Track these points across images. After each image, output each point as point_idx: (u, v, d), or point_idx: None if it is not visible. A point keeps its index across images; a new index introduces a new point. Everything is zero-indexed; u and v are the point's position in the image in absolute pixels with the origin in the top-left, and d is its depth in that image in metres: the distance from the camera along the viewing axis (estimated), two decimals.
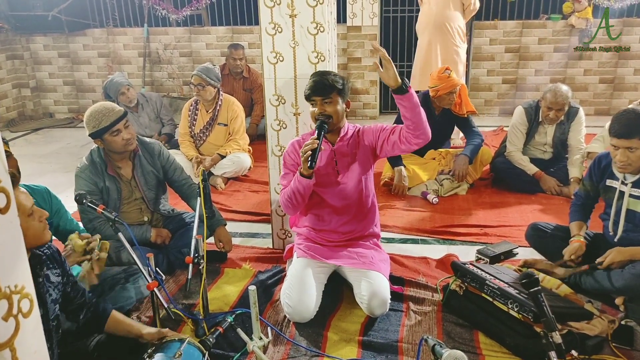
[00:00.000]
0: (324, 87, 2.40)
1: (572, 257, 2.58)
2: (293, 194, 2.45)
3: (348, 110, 2.53)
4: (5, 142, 2.17)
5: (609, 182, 2.60)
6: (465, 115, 4.08)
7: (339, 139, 2.54)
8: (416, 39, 6.64)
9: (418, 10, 6.51)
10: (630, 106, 3.99)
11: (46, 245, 1.87)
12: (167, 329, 2.13)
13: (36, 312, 0.85)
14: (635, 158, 2.38)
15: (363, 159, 2.56)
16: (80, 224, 2.77)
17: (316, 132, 2.37)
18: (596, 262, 2.46)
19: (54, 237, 2.49)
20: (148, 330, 2.03)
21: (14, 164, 2.18)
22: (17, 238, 0.80)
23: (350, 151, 2.55)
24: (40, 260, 1.82)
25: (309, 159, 2.29)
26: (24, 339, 0.81)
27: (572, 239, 2.66)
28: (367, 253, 2.57)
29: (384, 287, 2.45)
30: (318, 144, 2.29)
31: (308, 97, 2.45)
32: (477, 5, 4.90)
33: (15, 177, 1.72)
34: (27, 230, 1.68)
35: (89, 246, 2.29)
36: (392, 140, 2.45)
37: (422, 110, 2.33)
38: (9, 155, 2.18)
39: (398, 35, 6.73)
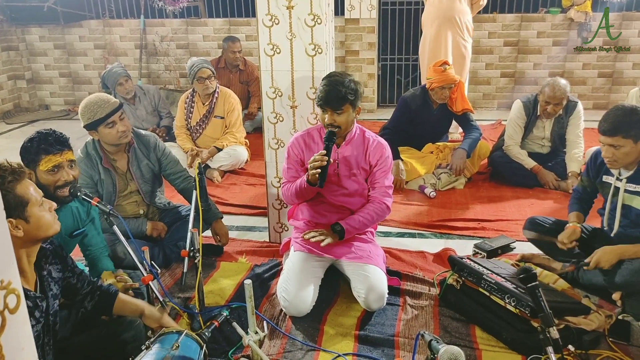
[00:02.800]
0: (336, 99, 2.37)
1: (566, 241, 2.57)
2: (297, 193, 2.48)
3: (358, 115, 2.52)
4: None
5: (604, 178, 2.60)
6: (460, 113, 4.06)
7: (344, 142, 2.54)
8: (415, 31, 6.65)
9: (417, 3, 6.52)
10: (631, 90, 3.99)
11: (49, 241, 1.87)
12: (169, 307, 2.17)
13: (23, 308, 0.83)
14: (620, 155, 2.37)
15: (364, 163, 2.58)
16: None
17: (325, 145, 2.38)
18: (584, 261, 2.45)
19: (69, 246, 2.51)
20: (150, 309, 2.07)
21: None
22: (3, 232, 0.78)
23: (353, 154, 2.54)
24: (45, 254, 1.82)
25: (318, 176, 2.32)
26: (10, 335, 0.79)
27: (567, 225, 2.66)
28: (364, 247, 2.56)
29: (382, 281, 2.44)
30: (327, 161, 2.31)
31: (320, 105, 2.44)
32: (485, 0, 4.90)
33: (23, 171, 1.73)
34: (40, 220, 1.70)
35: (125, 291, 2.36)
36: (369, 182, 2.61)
37: (369, 221, 2.54)
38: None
39: (396, 28, 6.70)
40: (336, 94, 2.36)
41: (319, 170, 2.31)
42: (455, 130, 4.89)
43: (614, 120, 2.36)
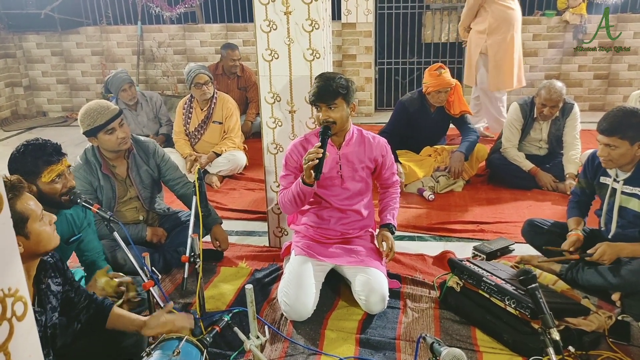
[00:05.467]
0: (328, 94, 2.38)
1: (571, 249, 2.60)
2: (293, 197, 2.46)
3: (354, 113, 2.53)
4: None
5: (602, 179, 2.61)
6: (458, 116, 4.07)
7: (344, 142, 2.54)
8: (412, 34, 6.68)
9: (413, 7, 6.54)
10: (633, 92, 4.01)
11: (49, 254, 1.85)
12: (171, 304, 2.09)
13: (30, 315, 0.83)
14: (615, 155, 2.39)
15: (367, 161, 2.59)
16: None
17: (320, 139, 2.37)
18: (587, 252, 2.47)
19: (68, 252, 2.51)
20: (149, 320, 2.00)
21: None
22: (10, 240, 0.79)
23: (354, 153, 2.55)
24: (45, 267, 1.80)
25: (314, 169, 2.29)
26: (18, 342, 0.79)
27: (569, 232, 2.67)
28: (364, 250, 2.57)
29: (383, 283, 2.44)
30: (323, 153, 2.29)
31: (313, 103, 2.44)
32: None
33: (23, 185, 1.69)
34: (40, 235, 1.67)
35: (120, 288, 2.32)
36: (379, 181, 2.75)
37: (398, 204, 2.79)
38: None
39: (393, 32, 6.72)
40: (327, 88, 2.38)
41: (316, 161, 2.28)
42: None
43: (613, 120, 2.38)
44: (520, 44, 5.07)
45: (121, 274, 2.43)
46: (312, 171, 2.31)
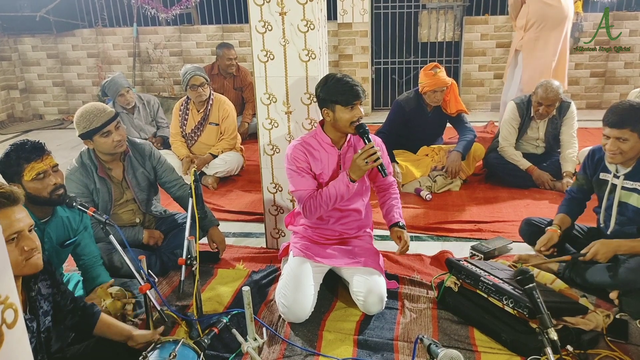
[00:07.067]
0: (361, 91, 2.40)
1: (543, 249, 2.61)
2: (335, 197, 2.41)
3: None
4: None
5: (601, 175, 2.61)
6: (455, 115, 4.07)
7: (345, 142, 2.53)
8: (408, 34, 6.68)
9: (409, 7, 6.54)
10: (632, 91, 4.01)
11: None
12: (161, 327, 2.11)
13: (21, 323, 0.82)
14: (625, 148, 2.40)
15: None
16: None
17: (365, 137, 2.39)
18: (580, 252, 2.47)
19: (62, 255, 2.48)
20: (138, 332, 2.01)
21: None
22: None
23: (353, 154, 2.54)
24: (35, 274, 1.78)
25: (380, 167, 2.35)
26: (8, 351, 0.78)
27: (547, 228, 2.68)
28: (362, 251, 2.56)
29: (381, 284, 2.44)
30: (378, 150, 2.33)
31: (347, 102, 2.37)
32: None
33: (18, 196, 1.64)
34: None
35: (124, 309, 2.33)
36: (376, 182, 2.74)
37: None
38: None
39: (389, 32, 6.72)
40: (358, 86, 2.40)
41: (380, 160, 2.32)
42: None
43: (622, 113, 2.39)
44: (563, 44, 4.72)
45: (123, 289, 2.43)
46: (374, 168, 2.37)
